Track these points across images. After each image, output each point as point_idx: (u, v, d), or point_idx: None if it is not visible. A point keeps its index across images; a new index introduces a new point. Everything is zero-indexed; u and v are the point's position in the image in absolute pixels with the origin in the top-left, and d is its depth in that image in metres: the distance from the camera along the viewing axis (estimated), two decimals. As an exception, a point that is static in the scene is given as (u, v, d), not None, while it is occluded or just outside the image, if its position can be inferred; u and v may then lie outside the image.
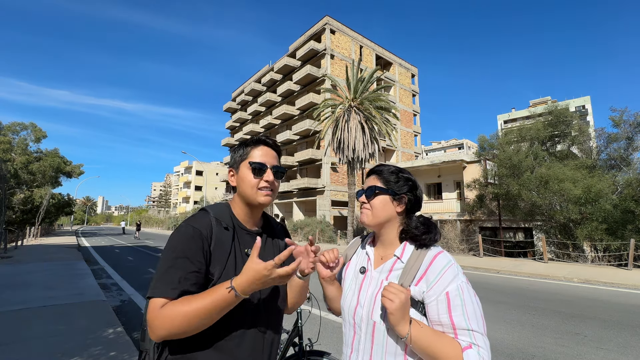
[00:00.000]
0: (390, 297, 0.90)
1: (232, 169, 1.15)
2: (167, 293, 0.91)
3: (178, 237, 0.99)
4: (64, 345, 3.68)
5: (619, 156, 14.10)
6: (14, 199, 24.16)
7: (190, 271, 0.94)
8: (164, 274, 0.93)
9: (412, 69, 43.11)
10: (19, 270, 9.22)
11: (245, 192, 1.10)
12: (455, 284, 0.95)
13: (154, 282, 0.94)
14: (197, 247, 0.97)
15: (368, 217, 1.09)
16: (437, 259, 0.99)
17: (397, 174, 1.11)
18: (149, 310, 0.90)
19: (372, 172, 1.16)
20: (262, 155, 1.12)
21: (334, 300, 1.18)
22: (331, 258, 1.10)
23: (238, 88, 48.62)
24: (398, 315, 0.90)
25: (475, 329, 0.91)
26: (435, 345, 0.90)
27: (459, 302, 0.93)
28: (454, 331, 0.92)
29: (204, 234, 1.00)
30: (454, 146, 63.81)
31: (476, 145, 20.14)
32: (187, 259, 0.95)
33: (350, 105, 19.90)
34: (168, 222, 54.75)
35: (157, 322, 0.88)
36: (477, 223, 17.90)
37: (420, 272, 0.98)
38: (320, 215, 28.73)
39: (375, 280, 1.06)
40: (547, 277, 9.17)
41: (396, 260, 1.05)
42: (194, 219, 1.04)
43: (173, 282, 0.92)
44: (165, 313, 0.88)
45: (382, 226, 1.10)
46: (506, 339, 4.32)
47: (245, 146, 1.15)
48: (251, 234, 1.13)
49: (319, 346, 2.93)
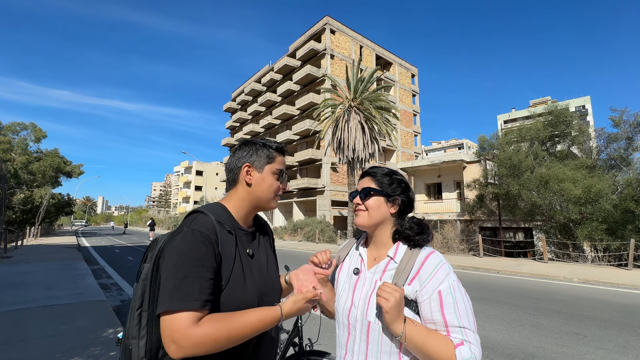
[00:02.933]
0: (386, 297, 0.92)
1: (253, 167, 1.10)
2: (189, 305, 0.84)
3: (187, 243, 0.91)
4: (64, 345, 3.68)
5: (619, 156, 14.10)
6: (14, 199, 24.15)
7: (208, 279, 0.89)
8: (181, 284, 0.86)
9: (412, 69, 43.11)
10: (19, 270, 9.22)
11: (263, 195, 1.10)
12: (447, 282, 0.97)
13: (169, 294, 0.85)
14: (209, 252, 0.92)
15: (363, 218, 1.11)
16: (429, 258, 1.01)
17: (391, 176, 1.13)
18: (173, 327, 0.83)
19: (365, 174, 1.17)
20: (283, 163, 1.17)
21: (327, 302, 1.19)
22: (324, 259, 1.13)
23: (238, 88, 48.64)
24: (393, 314, 0.92)
25: (466, 325, 0.94)
26: (429, 342, 0.92)
27: (450, 300, 0.95)
28: (446, 329, 0.94)
29: (212, 238, 0.95)
30: (454, 146, 63.75)
31: (476, 145, 20.14)
32: (203, 267, 0.89)
33: (350, 105, 19.90)
34: (168, 222, 54.73)
35: (192, 342, 0.82)
36: (477, 223, 17.90)
37: (413, 272, 1.00)
38: (320, 215, 28.73)
39: (369, 281, 1.07)
40: (547, 277, 9.17)
41: (389, 260, 1.07)
42: (196, 223, 0.97)
43: (193, 292, 0.85)
44: (205, 332, 0.84)
45: (376, 227, 1.11)
46: (506, 339, 4.32)
47: (269, 149, 1.14)
48: (248, 234, 1.12)
49: (319, 346, 2.93)
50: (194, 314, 0.85)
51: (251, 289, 1.01)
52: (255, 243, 1.14)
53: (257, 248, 1.13)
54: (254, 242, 1.13)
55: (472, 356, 0.91)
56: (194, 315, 0.85)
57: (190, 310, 0.84)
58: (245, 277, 1.01)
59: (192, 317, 0.84)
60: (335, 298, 1.17)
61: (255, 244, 1.13)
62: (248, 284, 1.01)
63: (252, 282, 1.02)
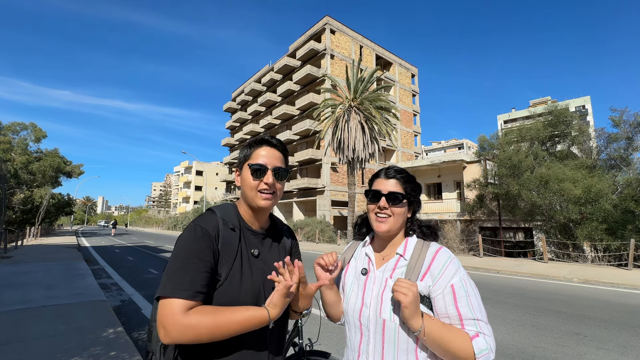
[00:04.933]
0: (404, 291, 0.92)
1: (238, 169, 1.15)
2: (179, 294, 0.89)
3: (187, 238, 0.97)
4: (64, 345, 3.68)
5: (619, 156, 14.10)
6: (14, 199, 24.13)
7: (202, 271, 0.93)
8: (174, 274, 0.92)
9: (412, 69, 43.11)
10: (19, 270, 9.22)
11: (246, 193, 1.09)
12: (458, 276, 0.98)
13: (164, 282, 0.92)
14: (207, 247, 0.96)
15: (389, 224, 1.07)
16: (438, 254, 1.02)
17: (413, 182, 1.13)
18: (163, 312, 0.88)
19: (390, 176, 1.12)
20: (263, 156, 1.09)
21: (332, 306, 1.17)
22: (330, 261, 1.09)
23: (238, 88, 48.64)
24: (412, 309, 0.92)
25: (479, 318, 0.95)
26: (447, 336, 0.93)
27: (463, 294, 0.97)
28: (461, 322, 0.96)
29: (212, 234, 0.99)
30: (454, 146, 63.78)
31: (476, 145, 20.15)
32: (199, 259, 0.94)
33: (350, 105, 19.90)
34: (168, 222, 54.70)
35: (177, 329, 0.86)
36: (477, 223, 17.90)
37: (424, 268, 1.01)
38: (320, 215, 28.73)
39: (379, 280, 1.07)
40: (547, 277, 9.17)
41: (399, 258, 1.07)
42: (201, 219, 1.03)
43: (184, 282, 0.90)
44: (190, 322, 0.87)
45: (397, 232, 1.11)
46: (506, 339, 4.32)
47: (249, 146, 1.13)
48: (257, 235, 1.12)
49: (319, 346, 2.93)
50: (184, 302, 0.88)
51: (248, 288, 1.01)
52: (267, 245, 1.13)
53: (268, 250, 1.13)
54: (264, 244, 1.13)
55: (487, 347, 0.92)
56: (184, 303, 0.88)
57: (181, 299, 0.89)
58: (242, 276, 1.02)
59: (181, 305, 0.88)
60: (341, 301, 1.16)
61: (266, 245, 1.13)
62: (245, 283, 1.01)
63: (250, 282, 1.02)
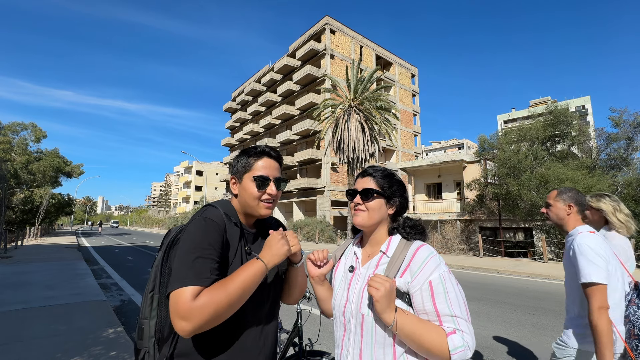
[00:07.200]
0: (376, 286, 0.94)
1: (235, 178, 1.16)
2: (201, 282, 0.89)
3: (199, 229, 0.98)
4: (64, 345, 3.68)
5: (619, 156, 14.10)
6: (14, 199, 24.14)
7: (217, 260, 0.96)
8: (193, 264, 0.91)
9: (412, 69, 43.12)
10: (19, 270, 9.22)
11: (247, 203, 1.12)
12: (437, 273, 0.98)
13: (182, 273, 0.90)
14: (219, 237, 0.99)
15: (363, 218, 1.12)
16: (419, 250, 1.03)
17: (391, 178, 1.15)
18: (180, 302, 0.86)
19: (365, 174, 1.17)
20: (265, 168, 1.12)
21: (325, 301, 1.21)
22: (320, 257, 1.15)
23: (238, 88, 48.64)
24: (384, 303, 0.93)
25: (458, 315, 0.95)
26: (421, 331, 0.93)
27: (441, 290, 0.96)
28: (439, 318, 0.95)
29: (221, 226, 1.02)
30: (454, 146, 63.82)
31: (476, 145, 20.14)
32: (214, 249, 0.96)
33: (350, 105, 19.90)
34: (168, 222, 54.70)
35: (197, 312, 0.85)
36: (477, 223, 17.89)
37: (405, 264, 1.02)
38: (320, 215, 28.73)
39: (362, 277, 1.10)
40: (547, 277, 9.17)
41: (382, 255, 1.09)
42: (208, 212, 1.05)
43: (205, 271, 0.91)
44: (206, 300, 0.87)
45: (374, 227, 1.14)
46: (506, 339, 4.33)
47: (248, 156, 1.14)
48: (249, 233, 1.16)
49: (319, 346, 2.93)
50: (192, 289, 0.88)
51: None
52: (257, 244, 1.17)
53: (258, 248, 1.16)
54: (255, 243, 1.17)
55: (464, 344, 0.91)
56: (193, 289, 0.88)
57: (192, 286, 0.89)
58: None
59: (191, 291, 0.88)
60: (332, 296, 1.19)
61: (256, 244, 1.17)
62: None
63: None
